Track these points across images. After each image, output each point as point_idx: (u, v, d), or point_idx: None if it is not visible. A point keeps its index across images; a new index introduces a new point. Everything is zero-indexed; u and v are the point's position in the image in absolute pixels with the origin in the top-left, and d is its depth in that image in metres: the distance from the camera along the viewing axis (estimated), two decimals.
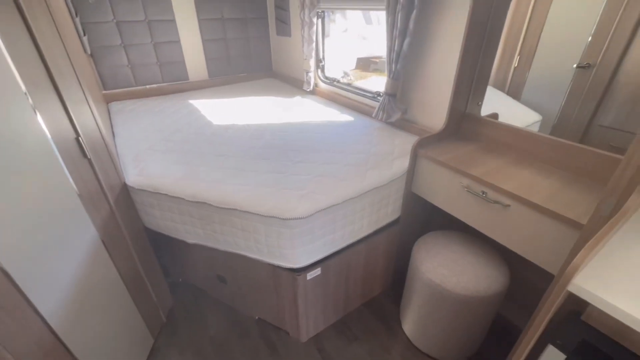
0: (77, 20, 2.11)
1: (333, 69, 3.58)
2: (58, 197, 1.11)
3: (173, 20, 2.67)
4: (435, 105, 1.78)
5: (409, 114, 1.95)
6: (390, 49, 1.77)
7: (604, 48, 2.22)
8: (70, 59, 1.22)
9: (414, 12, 1.61)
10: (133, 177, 1.50)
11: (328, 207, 1.32)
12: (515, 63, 2.59)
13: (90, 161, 1.26)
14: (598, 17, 2.09)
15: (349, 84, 2.50)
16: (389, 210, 1.62)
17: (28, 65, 0.99)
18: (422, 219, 1.86)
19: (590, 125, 2.52)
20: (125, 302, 1.44)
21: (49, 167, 1.08)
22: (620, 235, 0.77)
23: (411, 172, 1.58)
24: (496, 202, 1.22)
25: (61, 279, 1.08)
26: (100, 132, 1.35)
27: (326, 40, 2.61)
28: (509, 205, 1.19)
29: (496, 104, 2.38)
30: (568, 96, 2.43)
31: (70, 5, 2.07)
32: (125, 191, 1.49)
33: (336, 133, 1.95)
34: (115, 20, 2.44)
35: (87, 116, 1.29)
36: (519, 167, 1.34)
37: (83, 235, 1.21)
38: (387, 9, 1.71)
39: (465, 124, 1.63)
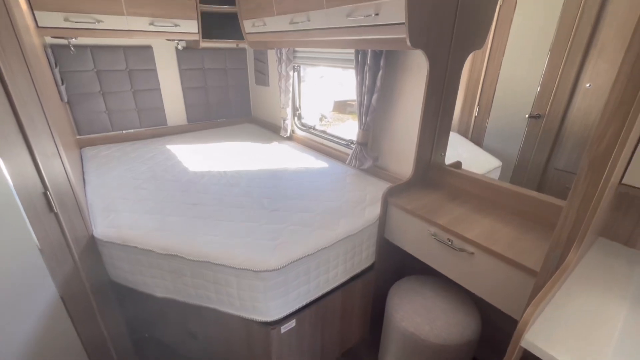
0: (57, 70, 2.15)
1: (311, 111, 3.76)
2: (16, 252, 1.07)
3: (154, 70, 2.76)
4: (403, 153, 1.90)
5: (380, 161, 2.06)
6: (360, 104, 1.92)
7: (550, 100, 2.50)
8: (43, 111, 1.22)
9: (380, 72, 1.78)
10: (102, 228, 1.46)
11: (302, 257, 1.33)
12: (475, 113, 2.83)
13: (57, 215, 1.23)
14: (542, 73, 2.38)
15: (324, 132, 2.62)
16: (363, 257, 1.65)
17: None
18: (396, 264, 1.90)
19: (547, 169, 2.74)
20: None
21: (9, 221, 1.05)
22: (568, 286, 0.83)
23: (383, 219, 1.63)
24: (461, 249, 1.28)
25: (14, 341, 1.00)
26: (70, 184, 1.33)
27: (304, 84, 2.76)
28: (473, 253, 1.25)
29: (460, 149, 2.56)
30: (524, 143, 2.66)
31: (51, 56, 2.12)
32: (92, 243, 1.44)
33: (311, 180, 2.01)
34: (95, 70, 2.50)
35: (58, 168, 1.27)
36: (481, 215, 1.43)
37: (42, 293, 1.15)
38: (356, 69, 1.88)
39: (431, 172, 1.74)
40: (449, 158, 1.77)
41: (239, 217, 1.56)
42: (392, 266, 1.86)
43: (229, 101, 3.28)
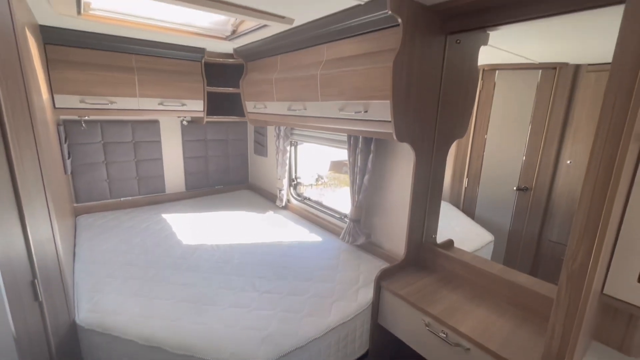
0: (66, 145, 2.26)
1: (308, 171, 3.87)
2: None
3: (159, 141, 2.92)
4: (395, 231, 1.93)
5: (374, 237, 2.08)
6: (352, 182, 2.00)
7: (535, 174, 2.62)
8: (45, 192, 1.26)
9: (371, 155, 1.90)
10: (84, 313, 1.41)
11: (291, 351, 1.27)
12: (465, 184, 2.93)
13: (40, 304, 1.20)
14: (525, 149, 2.53)
15: (318, 203, 2.68)
16: (357, 346, 1.57)
17: None
18: (392, 352, 1.79)
19: (541, 240, 2.75)
20: None
21: None
22: None
23: (376, 304, 1.60)
24: (457, 344, 1.24)
25: None
26: (60, 270, 1.32)
27: (301, 146, 2.88)
28: (469, 349, 1.21)
29: (454, 222, 2.59)
30: (515, 214, 2.72)
31: (62, 132, 2.26)
32: (72, 331, 1.37)
33: (304, 257, 2.00)
34: (102, 142, 2.64)
35: (50, 254, 1.27)
36: (475, 303, 1.41)
37: None
38: (349, 150, 2.00)
39: (423, 253, 1.75)
40: (442, 231, 1.79)
41: (228, 300, 1.52)
42: (387, 354, 1.76)
43: (228, 169, 3.40)
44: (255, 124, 2.74)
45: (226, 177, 3.41)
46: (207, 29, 2.05)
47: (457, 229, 2.48)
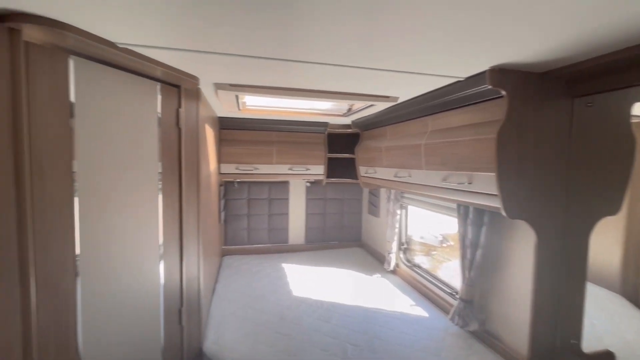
0: (223, 200, 2.98)
1: (429, 229, 3.64)
2: (146, 347, 1.37)
3: (287, 199, 3.43)
4: (518, 323, 1.58)
5: (490, 326, 1.75)
6: (462, 257, 1.81)
7: None
8: (198, 240, 1.70)
9: (484, 227, 1.70)
10: (209, 343, 1.73)
11: None
12: None
13: (182, 327, 1.56)
14: None
15: (428, 272, 2.49)
16: None
17: (169, 234, 1.46)
18: None
19: None
20: None
21: (149, 320, 1.39)
22: None
23: None
24: None
25: None
26: (199, 304, 1.69)
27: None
28: None
29: (623, 323, 1.91)
30: None
31: (222, 190, 2.99)
32: (199, 356, 1.69)
33: (403, 332, 1.86)
34: (247, 198, 3.32)
35: (194, 290, 1.67)
36: None
37: None
38: (459, 220, 1.85)
39: None
40: (601, 335, 1.36)
41: None
42: None
43: (343, 226, 3.61)
44: (367, 187, 2.89)
45: (341, 233, 3.62)
46: (329, 109, 2.44)
47: (628, 335, 1.80)
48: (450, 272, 2.48)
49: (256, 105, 2.30)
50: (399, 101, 1.82)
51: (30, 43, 0.90)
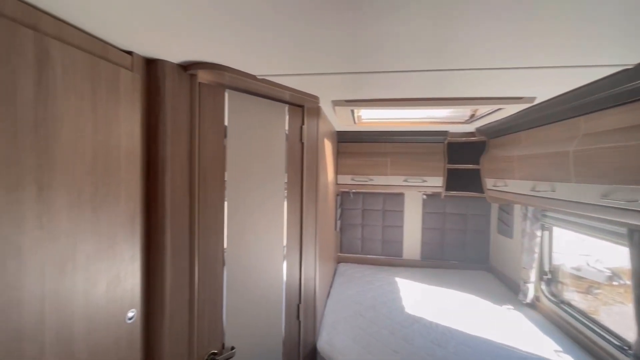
0: (339, 210, 3.15)
1: (591, 258, 2.90)
2: (269, 334, 1.57)
3: (402, 211, 3.34)
4: None
5: None
6: (637, 299, 1.36)
7: None
8: (316, 241, 1.84)
9: None
10: (322, 342, 1.84)
11: None
12: None
13: (299, 322, 1.72)
14: None
15: (584, 314, 1.96)
16: None
17: (292, 237, 1.65)
18: None
19: None
20: None
21: (273, 309, 1.59)
22: None
23: None
24: None
25: None
26: (315, 302, 1.83)
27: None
28: None
29: None
30: None
31: (339, 200, 3.16)
32: (313, 352, 1.82)
33: None
34: (362, 209, 3.40)
35: (310, 288, 1.82)
36: None
37: None
38: (631, 251, 1.41)
39: None
40: None
41: None
42: None
43: (465, 245, 3.24)
44: (495, 201, 2.52)
45: (462, 253, 3.26)
46: (448, 117, 2.28)
47: None
48: (617, 318, 1.86)
49: (371, 118, 2.37)
50: (536, 102, 1.55)
51: (201, 83, 1.21)
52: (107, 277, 0.91)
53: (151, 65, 1.08)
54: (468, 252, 3.25)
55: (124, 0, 0.70)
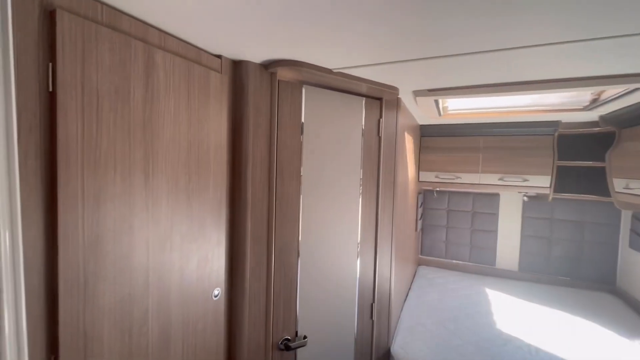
0: (421, 209, 2.95)
1: None
2: (343, 332, 1.56)
3: (496, 214, 2.94)
4: None
5: None
6: None
7: None
8: (392, 241, 1.75)
9: None
10: (397, 346, 1.75)
11: None
12: None
13: (372, 322, 1.67)
14: None
15: None
16: None
17: (366, 234, 1.61)
18: None
19: None
20: None
21: (346, 305, 1.57)
22: None
23: None
24: None
25: None
26: (390, 304, 1.76)
27: None
28: None
29: None
30: None
31: (420, 199, 2.97)
32: (387, 355, 1.75)
33: None
34: (447, 209, 3.12)
35: (386, 289, 1.75)
36: None
37: None
38: None
39: None
40: None
41: None
42: None
43: (581, 259, 2.67)
44: (626, 208, 2.00)
45: (576, 268, 2.69)
46: (559, 104, 1.89)
47: None
48: None
49: (459, 109, 2.13)
50: None
51: (280, 80, 1.27)
52: (197, 256, 1.03)
53: (237, 66, 1.17)
54: (585, 269, 2.67)
55: (218, 11, 0.77)
